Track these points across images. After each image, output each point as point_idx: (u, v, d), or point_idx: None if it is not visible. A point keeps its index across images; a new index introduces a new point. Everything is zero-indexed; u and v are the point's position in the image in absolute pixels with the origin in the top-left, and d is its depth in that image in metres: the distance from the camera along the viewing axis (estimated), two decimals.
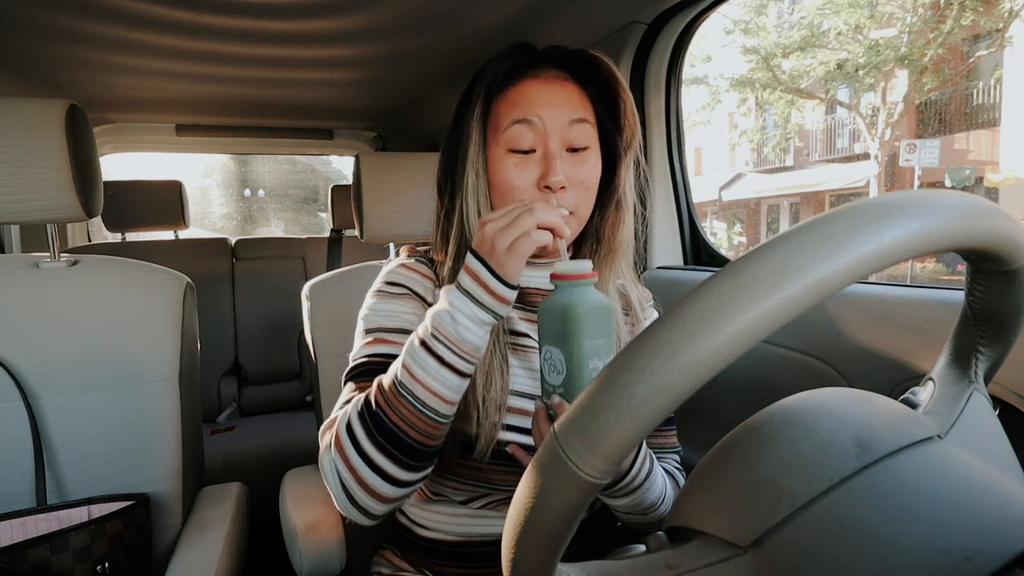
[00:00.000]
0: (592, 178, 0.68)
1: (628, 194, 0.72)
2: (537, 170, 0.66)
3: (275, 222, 5.50)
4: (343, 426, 0.59)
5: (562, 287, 0.53)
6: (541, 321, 0.54)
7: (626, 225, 0.72)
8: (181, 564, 0.83)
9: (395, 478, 0.58)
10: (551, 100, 0.66)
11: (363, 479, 0.57)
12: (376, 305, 0.70)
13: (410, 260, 0.74)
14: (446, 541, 0.74)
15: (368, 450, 0.57)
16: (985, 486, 0.32)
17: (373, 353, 0.67)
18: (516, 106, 0.66)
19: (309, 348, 1.11)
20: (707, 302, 0.27)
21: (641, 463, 0.63)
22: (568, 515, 0.30)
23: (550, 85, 0.67)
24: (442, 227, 0.73)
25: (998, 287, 0.38)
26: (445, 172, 0.72)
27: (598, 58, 0.68)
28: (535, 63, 0.69)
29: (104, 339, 0.91)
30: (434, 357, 0.56)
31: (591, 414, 0.28)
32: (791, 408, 0.39)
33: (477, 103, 0.67)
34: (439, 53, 1.53)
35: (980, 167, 9.42)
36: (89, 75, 1.65)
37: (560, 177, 0.64)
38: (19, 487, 0.85)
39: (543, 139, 0.66)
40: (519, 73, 0.68)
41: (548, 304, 0.53)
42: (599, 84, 0.70)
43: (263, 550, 1.34)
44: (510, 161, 0.66)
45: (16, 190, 0.84)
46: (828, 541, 0.31)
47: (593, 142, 0.69)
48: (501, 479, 0.69)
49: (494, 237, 0.55)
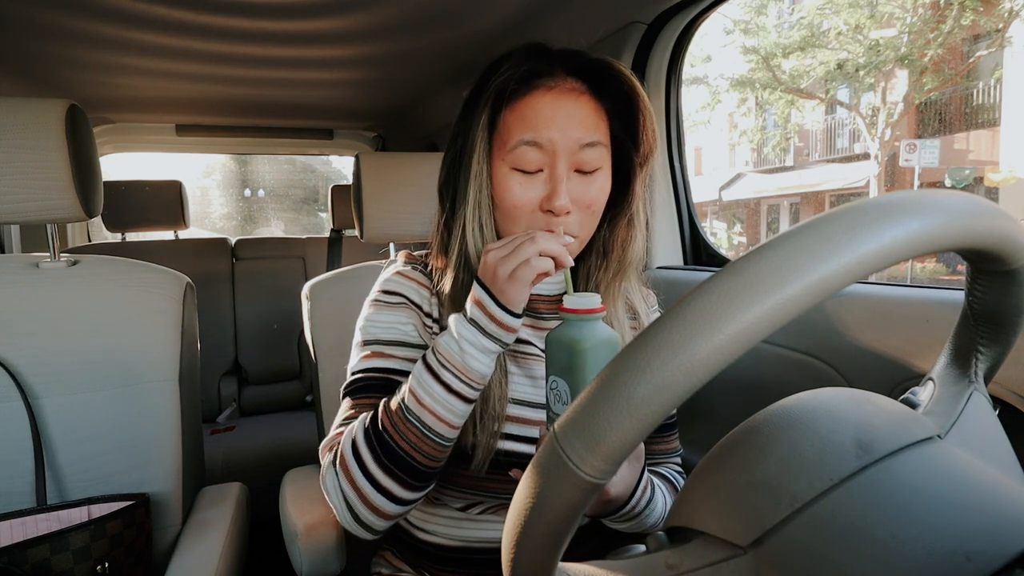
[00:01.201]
0: (599, 200, 0.65)
1: (641, 210, 0.70)
2: (542, 190, 0.63)
3: (275, 222, 5.50)
4: (348, 447, 0.60)
5: (570, 320, 0.53)
6: (549, 352, 0.55)
7: (638, 242, 0.70)
8: (181, 564, 0.83)
9: (400, 498, 0.59)
10: (564, 120, 0.62)
11: (368, 499, 0.59)
12: (372, 316, 0.70)
13: (406, 268, 0.72)
14: (445, 546, 0.73)
15: (374, 472, 0.58)
16: (985, 486, 0.32)
17: (370, 368, 0.67)
18: (526, 123, 0.62)
19: (309, 348, 1.11)
20: (707, 302, 0.27)
21: (642, 492, 0.63)
22: (568, 515, 0.30)
23: (564, 99, 0.63)
24: (442, 235, 0.71)
25: (998, 287, 0.38)
26: (447, 179, 0.70)
27: (620, 71, 0.64)
28: (550, 70, 0.64)
29: (104, 339, 0.91)
30: (441, 385, 0.57)
31: (591, 414, 0.28)
32: (791, 408, 0.39)
33: (484, 110, 0.64)
34: (439, 53, 1.53)
35: (980, 167, 9.42)
36: (89, 75, 1.65)
37: (565, 201, 0.61)
38: (19, 487, 0.85)
39: (551, 161, 0.62)
40: (532, 82, 0.63)
41: (556, 336, 0.54)
42: (618, 98, 0.66)
43: (263, 550, 1.34)
44: (514, 179, 0.63)
45: (16, 190, 0.84)
46: (828, 541, 0.31)
47: (604, 162, 0.65)
48: (499, 487, 0.69)
49: (496, 265, 0.55)
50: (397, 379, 0.66)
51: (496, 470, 0.67)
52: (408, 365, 0.67)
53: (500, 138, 0.64)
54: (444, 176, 0.70)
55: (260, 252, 2.24)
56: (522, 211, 0.64)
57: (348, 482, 0.59)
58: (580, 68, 0.65)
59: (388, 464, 0.58)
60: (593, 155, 0.63)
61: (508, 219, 0.65)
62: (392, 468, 0.58)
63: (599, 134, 0.64)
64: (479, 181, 0.64)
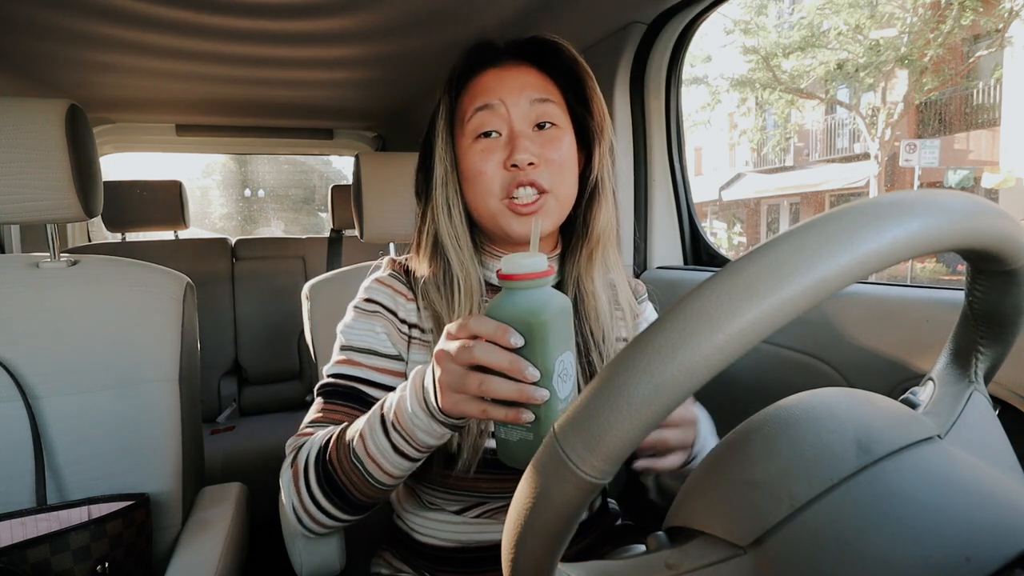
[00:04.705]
0: (565, 157, 0.67)
1: (606, 179, 0.71)
2: (504, 152, 0.65)
3: (275, 222, 5.51)
4: (301, 460, 0.63)
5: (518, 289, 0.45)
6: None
7: (605, 211, 0.71)
8: (181, 564, 0.83)
9: (337, 516, 0.62)
10: (512, 84, 0.66)
11: (308, 510, 0.62)
12: (350, 322, 0.72)
13: (385, 275, 0.74)
14: (444, 547, 0.73)
15: (315, 491, 0.61)
16: (985, 486, 0.32)
17: (340, 373, 0.69)
18: (477, 96, 0.66)
19: (309, 348, 1.11)
20: (707, 302, 0.27)
21: (698, 452, 0.64)
22: (568, 515, 0.30)
23: (509, 71, 0.67)
24: (418, 229, 0.73)
25: (998, 287, 0.38)
26: (420, 176, 0.73)
27: (557, 42, 0.68)
28: (495, 55, 0.70)
29: (104, 339, 0.91)
30: (389, 442, 0.55)
31: (591, 414, 0.28)
32: (791, 408, 0.39)
33: (442, 101, 0.68)
34: (439, 53, 1.53)
35: (979, 167, 9.41)
36: (89, 75, 1.65)
37: (526, 155, 0.63)
38: (19, 487, 0.85)
39: (507, 121, 0.66)
40: (479, 67, 0.69)
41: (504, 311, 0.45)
42: (563, 69, 0.69)
43: (263, 550, 1.34)
44: (476, 148, 0.66)
45: (16, 190, 0.84)
46: (828, 541, 0.31)
47: (563, 123, 0.68)
48: (491, 487, 0.68)
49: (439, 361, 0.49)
50: (363, 389, 0.68)
51: (486, 469, 0.66)
52: (375, 375, 0.69)
53: (459, 119, 0.68)
54: (417, 174, 0.73)
55: (260, 252, 2.24)
56: (487, 176, 0.65)
57: (294, 490, 0.62)
58: (521, 49, 0.70)
59: (327, 489, 0.60)
60: (547, 109, 0.66)
61: (476, 188, 0.66)
62: (331, 494, 0.60)
63: (548, 93, 0.67)
64: (444, 162, 0.67)
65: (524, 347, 0.45)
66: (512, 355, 0.44)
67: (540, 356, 0.44)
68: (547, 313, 0.44)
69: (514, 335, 0.44)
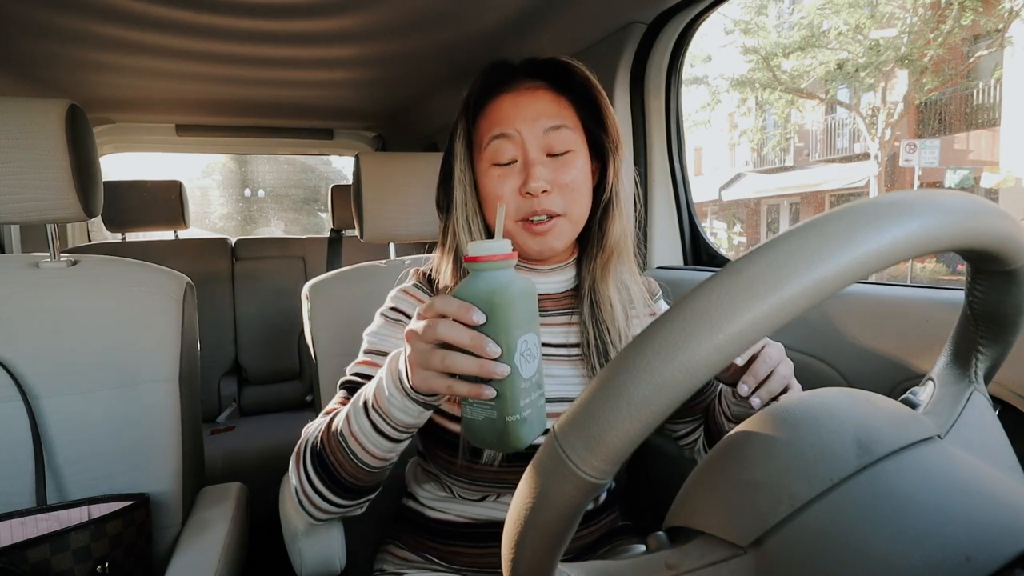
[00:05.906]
0: (578, 180, 0.70)
1: (620, 193, 0.74)
2: (519, 179, 0.69)
3: (275, 222, 5.51)
4: (303, 443, 0.66)
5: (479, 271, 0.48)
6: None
7: (618, 224, 0.74)
8: (181, 564, 0.83)
9: (333, 501, 0.65)
10: (527, 112, 0.69)
11: (307, 493, 0.65)
12: (375, 328, 0.75)
13: (410, 285, 0.77)
14: (455, 522, 0.76)
15: (311, 473, 0.64)
16: (985, 486, 0.32)
17: (361, 373, 0.72)
18: (494, 122, 0.70)
19: (309, 348, 1.11)
20: (707, 302, 0.27)
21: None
22: (568, 515, 0.30)
23: (524, 96, 0.70)
24: (440, 243, 0.76)
25: (998, 287, 0.38)
26: (440, 191, 0.76)
27: (570, 64, 0.71)
28: (510, 78, 0.72)
29: (104, 339, 0.91)
30: (370, 422, 0.58)
31: (591, 414, 0.28)
32: (791, 408, 0.39)
33: (460, 123, 0.72)
34: (439, 53, 1.53)
35: (979, 167, 9.41)
36: (89, 75, 1.65)
37: (539, 183, 0.67)
38: (19, 487, 0.85)
39: (522, 149, 0.69)
40: (495, 90, 0.72)
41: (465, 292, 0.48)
42: (577, 89, 0.72)
43: (263, 550, 1.34)
44: (494, 173, 0.70)
45: (16, 190, 0.84)
46: (828, 541, 0.31)
47: (576, 146, 0.71)
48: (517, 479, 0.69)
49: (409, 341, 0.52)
50: None
51: (514, 461, 0.69)
52: None
53: (477, 143, 0.72)
54: (438, 190, 0.77)
55: (260, 252, 2.24)
56: (504, 200, 0.69)
57: (295, 471, 0.66)
58: (536, 70, 0.73)
59: (320, 471, 0.63)
60: (560, 136, 0.69)
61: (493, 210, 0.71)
62: (323, 475, 0.63)
63: (562, 119, 0.70)
64: (464, 183, 0.72)
65: (487, 325, 0.47)
66: (474, 332, 0.47)
67: (502, 334, 0.46)
68: (508, 293, 0.47)
69: (476, 313, 0.46)
